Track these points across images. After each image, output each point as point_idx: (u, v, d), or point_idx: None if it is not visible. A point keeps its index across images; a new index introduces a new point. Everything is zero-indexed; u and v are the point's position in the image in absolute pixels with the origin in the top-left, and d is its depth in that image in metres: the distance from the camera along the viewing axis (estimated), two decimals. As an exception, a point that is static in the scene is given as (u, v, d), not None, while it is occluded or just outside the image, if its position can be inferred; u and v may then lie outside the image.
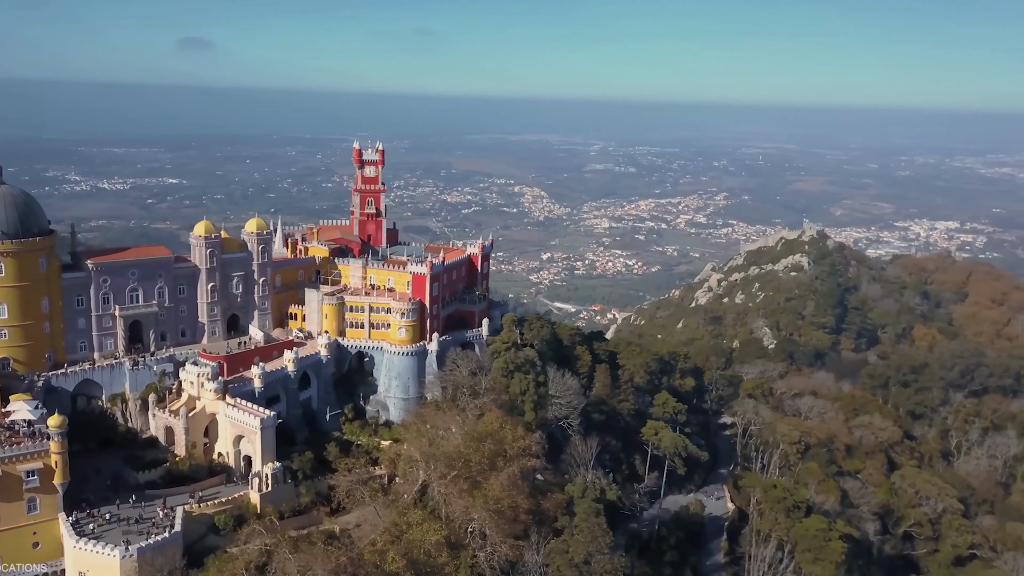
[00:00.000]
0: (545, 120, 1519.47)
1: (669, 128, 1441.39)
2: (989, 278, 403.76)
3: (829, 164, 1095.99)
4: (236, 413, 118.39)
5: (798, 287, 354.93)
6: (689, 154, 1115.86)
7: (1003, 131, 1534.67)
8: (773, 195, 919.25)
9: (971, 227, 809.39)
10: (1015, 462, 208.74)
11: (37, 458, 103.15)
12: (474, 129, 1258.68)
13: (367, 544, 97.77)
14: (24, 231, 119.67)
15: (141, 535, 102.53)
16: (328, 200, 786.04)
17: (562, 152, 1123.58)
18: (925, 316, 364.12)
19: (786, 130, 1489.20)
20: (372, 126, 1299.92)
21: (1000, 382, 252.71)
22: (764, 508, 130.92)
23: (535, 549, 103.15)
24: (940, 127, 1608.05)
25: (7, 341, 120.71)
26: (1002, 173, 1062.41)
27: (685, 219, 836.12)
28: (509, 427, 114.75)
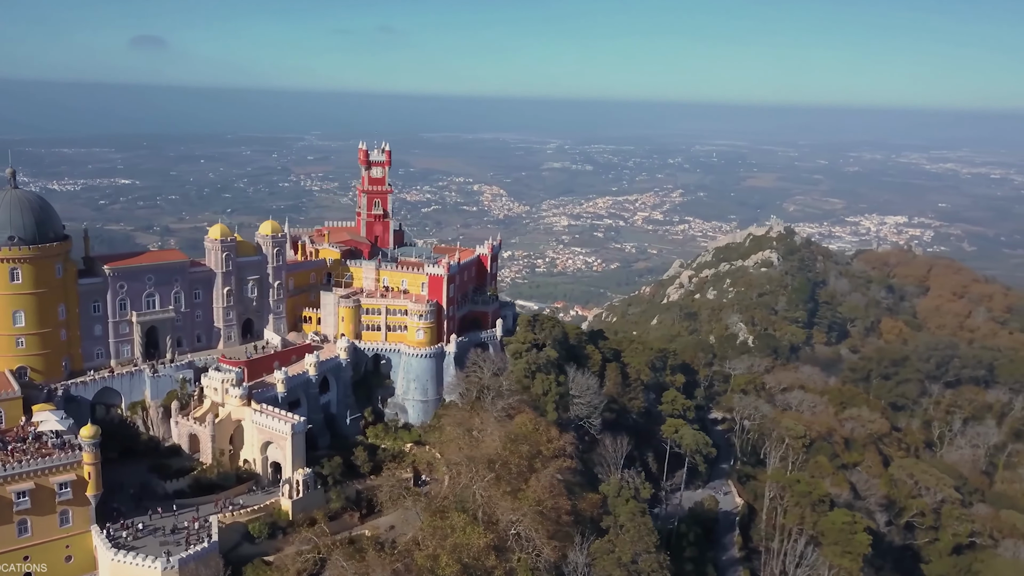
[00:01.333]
0: (501, 119, 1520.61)
1: (624, 126, 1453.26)
2: (949, 271, 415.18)
3: (781, 161, 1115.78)
4: (264, 419, 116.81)
5: (769, 282, 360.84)
6: (644, 152, 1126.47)
7: (946, 128, 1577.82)
8: (727, 192, 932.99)
9: (919, 221, 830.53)
10: (995, 451, 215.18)
11: (70, 470, 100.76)
12: (430, 128, 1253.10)
13: (417, 549, 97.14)
14: (41, 236, 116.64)
15: (179, 545, 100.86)
16: (285, 200, 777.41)
17: (519, 150, 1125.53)
18: (891, 309, 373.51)
19: (738, 128, 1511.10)
20: (328, 125, 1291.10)
21: (973, 373, 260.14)
22: (789, 503, 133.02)
23: (578, 549, 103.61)
24: (886, 124, 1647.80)
25: (24, 350, 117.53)
26: (946, 168, 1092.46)
27: (642, 216, 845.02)
28: (543, 428, 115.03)
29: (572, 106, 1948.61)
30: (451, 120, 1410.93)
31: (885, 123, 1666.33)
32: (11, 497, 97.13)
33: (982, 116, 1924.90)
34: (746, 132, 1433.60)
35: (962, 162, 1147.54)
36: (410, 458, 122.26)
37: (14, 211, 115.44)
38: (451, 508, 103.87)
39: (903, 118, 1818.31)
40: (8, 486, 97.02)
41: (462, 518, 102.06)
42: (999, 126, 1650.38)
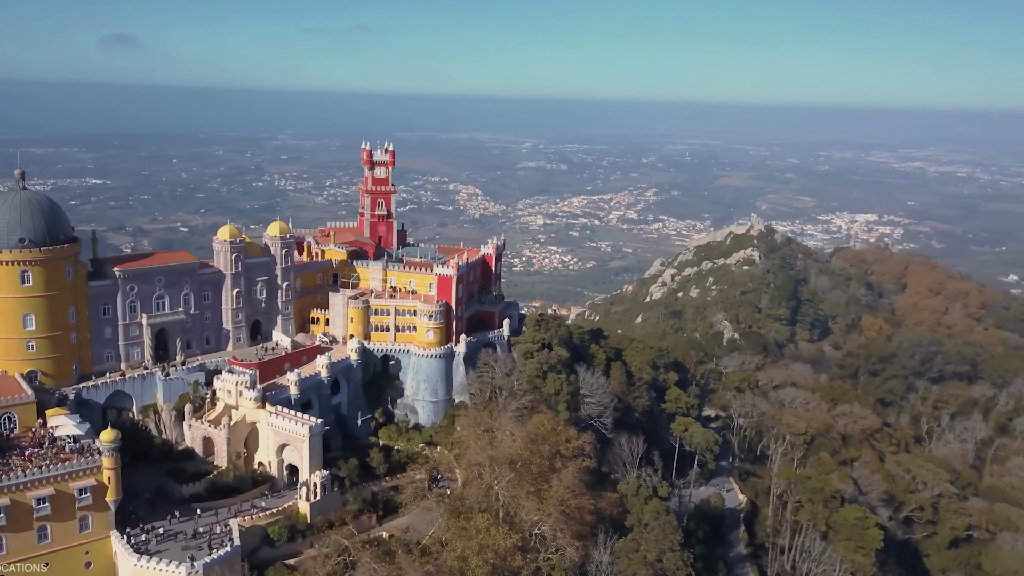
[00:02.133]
0: (475, 118, 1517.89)
1: (597, 126, 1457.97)
2: (925, 269, 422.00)
3: (752, 160, 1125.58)
4: (281, 421, 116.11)
5: (751, 280, 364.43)
6: (618, 151, 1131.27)
7: (913, 127, 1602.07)
8: (701, 190, 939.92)
9: (888, 219, 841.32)
10: (982, 446, 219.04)
11: (89, 475, 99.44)
12: (405, 127, 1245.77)
13: (444, 550, 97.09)
14: (51, 238, 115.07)
15: (201, 550, 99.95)
16: (259, 200, 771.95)
17: (494, 150, 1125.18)
18: (870, 306, 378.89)
19: (710, 127, 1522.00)
20: (302, 124, 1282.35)
21: (956, 369, 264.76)
22: (802, 499, 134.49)
23: (601, 548, 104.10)
24: (855, 123, 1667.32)
25: (35, 353, 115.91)
26: (914, 167, 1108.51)
27: (617, 215, 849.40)
28: (561, 428, 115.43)
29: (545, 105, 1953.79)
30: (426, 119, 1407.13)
31: (854, 122, 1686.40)
32: (31, 503, 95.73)
33: (948, 115, 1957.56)
34: (718, 131, 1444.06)
35: (929, 161, 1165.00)
36: (432, 459, 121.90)
37: (24, 213, 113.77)
38: (474, 509, 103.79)
39: (871, 117, 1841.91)
40: (28, 492, 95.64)
41: (486, 519, 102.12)
42: (965, 125, 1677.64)
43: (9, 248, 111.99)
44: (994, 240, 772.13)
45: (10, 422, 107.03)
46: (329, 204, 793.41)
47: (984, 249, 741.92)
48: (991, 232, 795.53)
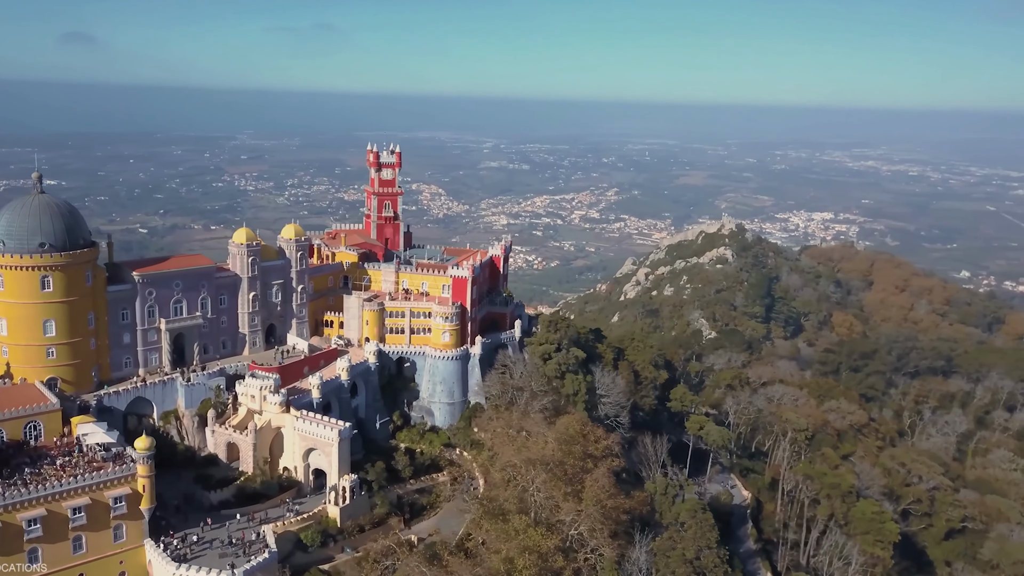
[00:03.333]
0: (436, 117, 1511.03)
1: (558, 126, 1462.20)
2: (891, 266, 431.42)
3: (710, 159, 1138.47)
4: (308, 426, 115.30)
5: (725, 279, 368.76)
6: (579, 151, 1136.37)
7: (865, 126, 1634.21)
8: (661, 190, 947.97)
9: (844, 217, 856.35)
10: (962, 439, 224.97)
11: (124, 483, 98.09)
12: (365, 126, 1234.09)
13: (487, 552, 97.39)
14: (71, 243, 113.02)
15: (239, 556, 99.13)
16: (220, 200, 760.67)
17: (456, 149, 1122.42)
18: (840, 303, 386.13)
19: (668, 127, 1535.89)
20: (261, 123, 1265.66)
21: (932, 364, 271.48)
22: (820, 495, 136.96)
23: (638, 547, 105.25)
24: (809, 123, 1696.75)
25: (55, 360, 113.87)
26: (867, 166, 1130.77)
27: (579, 215, 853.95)
28: (590, 429, 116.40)
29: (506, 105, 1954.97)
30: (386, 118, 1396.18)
31: (807, 122, 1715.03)
32: (67, 513, 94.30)
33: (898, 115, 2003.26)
34: (676, 131, 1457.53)
35: (882, 160, 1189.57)
36: (456, 462, 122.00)
37: (44, 217, 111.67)
38: (511, 510, 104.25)
39: (824, 117, 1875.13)
40: (64, 502, 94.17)
41: (523, 520, 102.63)
42: (914, 124, 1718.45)
43: (29, 253, 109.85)
44: (945, 237, 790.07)
45: (35, 430, 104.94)
46: (291, 204, 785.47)
47: (936, 246, 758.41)
48: (942, 229, 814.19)
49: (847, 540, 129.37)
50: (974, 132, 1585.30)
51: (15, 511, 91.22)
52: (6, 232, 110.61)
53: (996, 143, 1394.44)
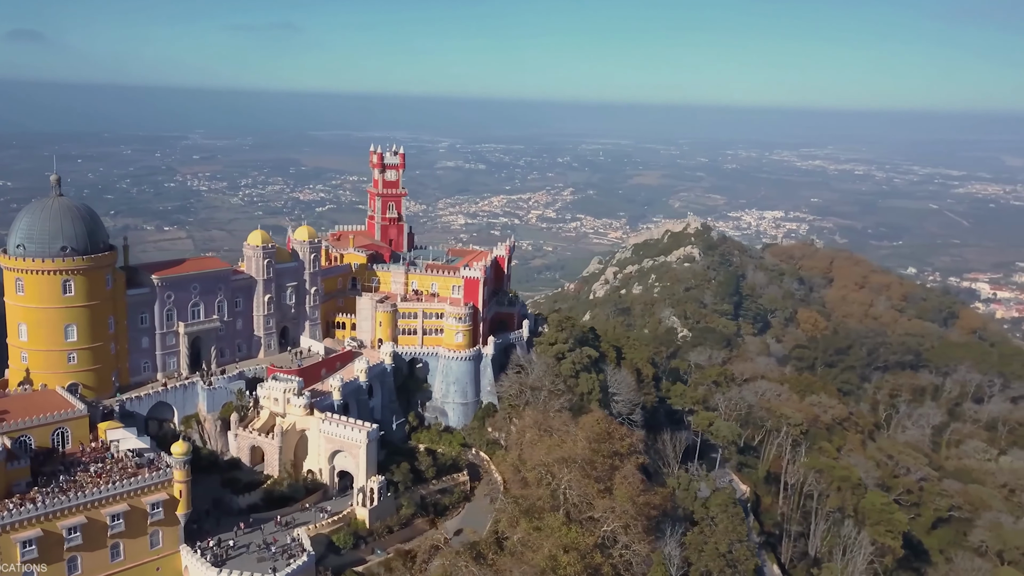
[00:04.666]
0: (390, 117, 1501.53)
1: (512, 126, 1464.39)
2: (850, 263, 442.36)
3: (663, 159, 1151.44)
4: (334, 428, 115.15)
5: (693, 277, 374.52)
6: (534, 151, 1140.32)
7: (812, 127, 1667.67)
8: (616, 189, 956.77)
9: (794, 216, 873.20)
10: (936, 431, 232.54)
11: (161, 489, 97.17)
12: (319, 126, 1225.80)
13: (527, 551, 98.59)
14: (92, 246, 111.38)
15: (277, 560, 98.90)
16: (172, 201, 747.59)
17: (412, 149, 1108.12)
18: (803, 300, 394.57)
19: (621, 127, 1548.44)
20: (213, 123, 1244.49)
21: (901, 359, 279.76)
22: (829, 487, 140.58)
23: (669, 542, 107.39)
24: (758, 123, 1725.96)
25: (76, 365, 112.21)
26: (815, 165, 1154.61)
27: (536, 214, 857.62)
28: (614, 427, 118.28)
29: (460, 105, 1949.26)
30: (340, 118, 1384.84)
31: (757, 122, 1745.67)
32: (106, 520, 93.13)
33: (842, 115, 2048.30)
34: (629, 131, 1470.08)
35: (829, 159, 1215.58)
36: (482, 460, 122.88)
37: (65, 220, 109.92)
38: (544, 509, 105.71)
39: (772, 117, 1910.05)
40: (103, 509, 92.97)
41: (557, 518, 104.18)
42: (858, 125, 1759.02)
43: (51, 257, 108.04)
44: (891, 235, 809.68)
45: (63, 437, 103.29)
46: (245, 205, 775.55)
47: (883, 243, 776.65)
48: (888, 227, 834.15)
49: (858, 530, 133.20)
50: (914, 133, 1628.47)
51: (55, 519, 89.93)
52: (26, 236, 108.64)
53: (936, 143, 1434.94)
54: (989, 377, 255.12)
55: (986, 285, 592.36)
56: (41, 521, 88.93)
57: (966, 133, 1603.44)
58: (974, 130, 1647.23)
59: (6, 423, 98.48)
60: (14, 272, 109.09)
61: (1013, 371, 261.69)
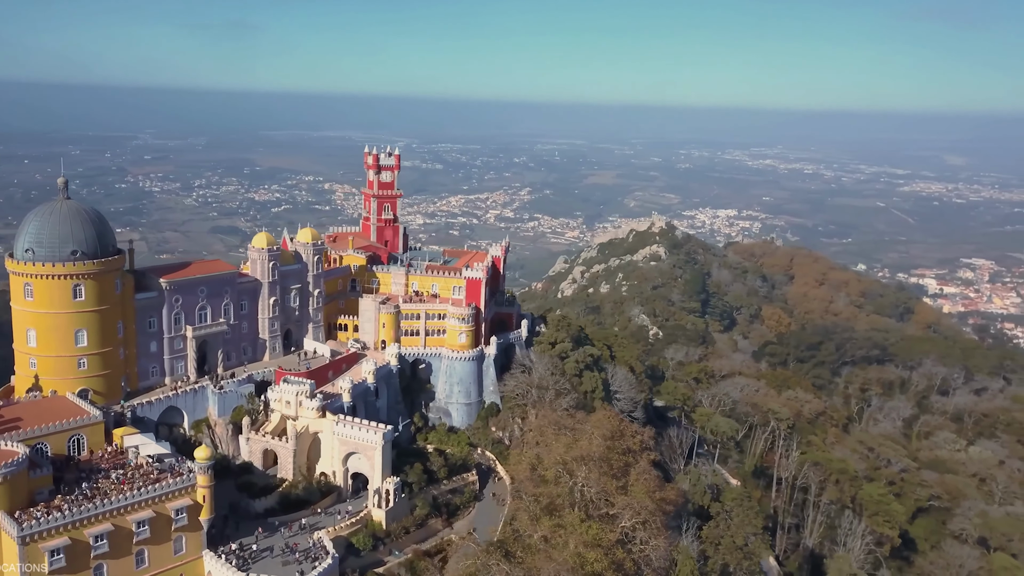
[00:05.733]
0: (345, 116, 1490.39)
1: (468, 126, 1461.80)
2: (809, 260, 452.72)
3: (618, 159, 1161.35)
4: (349, 430, 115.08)
5: (660, 275, 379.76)
6: (491, 151, 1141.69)
7: (762, 127, 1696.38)
8: (572, 189, 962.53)
9: (747, 214, 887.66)
10: (906, 424, 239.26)
11: (185, 494, 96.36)
12: (273, 125, 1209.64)
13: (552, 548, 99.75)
14: (102, 250, 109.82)
15: (301, 563, 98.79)
16: (124, 202, 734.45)
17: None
18: (767, 297, 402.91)
19: (575, 127, 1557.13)
20: (164, 123, 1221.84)
21: (868, 353, 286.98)
22: (831, 480, 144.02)
23: (685, 536, 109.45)
24: (709, 123, 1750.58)
25: (86, 371, 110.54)
26: (765, 165, 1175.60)
27: (494, 214, 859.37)
28: (625, 424, 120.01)
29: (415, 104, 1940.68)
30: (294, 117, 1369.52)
31: (708, 122, 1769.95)
32: (132, 527, 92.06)
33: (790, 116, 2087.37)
34: (584, 131, 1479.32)
35: (779, 158, 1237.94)
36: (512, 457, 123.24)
37: (75, 224, 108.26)
38: (564, 506, 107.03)
39: (723, 118, 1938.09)
40: (129, 516, 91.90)
41: (578, 515, 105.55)
42: (807, 124, 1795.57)
43: (62, 261, 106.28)
44: (841, 232, 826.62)
45: (78, 444, 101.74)
46: (199, 206, 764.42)
47: (833, 240, 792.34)
48: (837, 225, 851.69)
49: (858, 521, 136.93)
50: (860, 133, 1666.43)
51: (82, 527, 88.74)
52: (36, 240, 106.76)
53: (881, 143, 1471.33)
54: (953, 370, 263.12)
55: (933, 281, 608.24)
56: (68, 529, 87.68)
57: (909, 133, 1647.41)
58: (917, 130, 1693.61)
59: (23, 431, 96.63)
60: (22, 277, 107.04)
61: (975, 364, 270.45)
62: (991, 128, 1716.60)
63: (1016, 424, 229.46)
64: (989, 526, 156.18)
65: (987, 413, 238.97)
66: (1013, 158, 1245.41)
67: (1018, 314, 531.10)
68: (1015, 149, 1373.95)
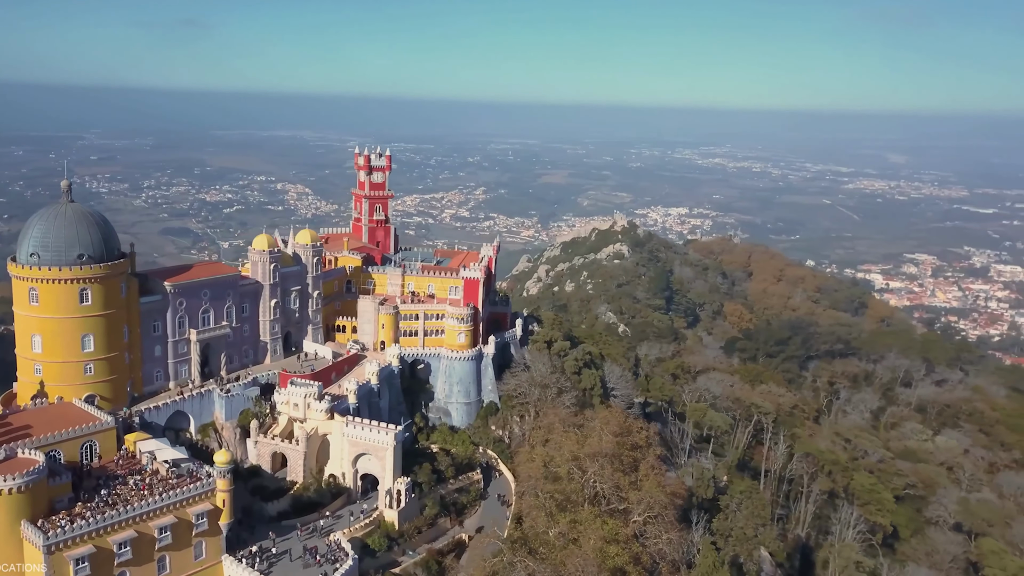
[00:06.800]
0: (295, 115, 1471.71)
1: (421, 125, 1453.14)
2: (766, 257, 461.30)
3: (570, 158, 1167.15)
4: (359, 431, 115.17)
5: (624, 273, 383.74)
6: (444, 150, 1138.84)
7: (710, 126, 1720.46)
8: (526, 188, 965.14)
9: (698, 212, 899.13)
10: (873, 416, 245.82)
11: (205, 499, 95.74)
12: (221, 125, 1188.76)
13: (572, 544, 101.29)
14: (108, 253, 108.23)
15: (321, 566, 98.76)
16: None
17: (320, 148, 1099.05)
18: (728, 293, 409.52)
19: (528, 126, 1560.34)
20: (110, 123, 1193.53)
21: (832, 347, 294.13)
22: (823, 471, 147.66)
23: (695, 529, 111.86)
24: (659, 122, 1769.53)
25: (93, 376, 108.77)
26: (714, 163, 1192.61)
27: (450, 213, 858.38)
28: (630, 420, 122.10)
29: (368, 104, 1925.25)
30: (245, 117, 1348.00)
31: (658, 122, 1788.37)
32: (154, 534, 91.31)
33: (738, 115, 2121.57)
34: (536, 131, 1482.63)
35: (727, 157, 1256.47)
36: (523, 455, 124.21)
37: (80, 227, 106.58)
38: (579, 502, 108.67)
39: (673, 117, 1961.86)
40: (151, 522, 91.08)
41: (592, 511, 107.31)
42: (755, 123, 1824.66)
43: (68, 265, 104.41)
44: (789, 229, 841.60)
45: (90, 451, 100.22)
46: (149, 207, 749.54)
47: (782, 237, 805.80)
48: (786, 222, 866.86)
49: (852, 511, 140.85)
50: (805, 132, 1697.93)
51: (107, 534, 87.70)
52: (41, 244, 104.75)
53: (825, 141, 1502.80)
54: (915, 363, 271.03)
55: (879, 276, 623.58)
56: (93, 537, 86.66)
57: (852, 132, 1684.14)
58: (859, 129, 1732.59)
59: (36, 438, 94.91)
60: (27, 282, 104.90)
61: (935, 356, 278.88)
62: (929, 127, 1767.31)
63: (977, 414, 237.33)
64: (970, 512, 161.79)
65: (949, 404, 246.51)
66: (950, 156, 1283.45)
67: (960, 307, 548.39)
68: (952, 147, 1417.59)
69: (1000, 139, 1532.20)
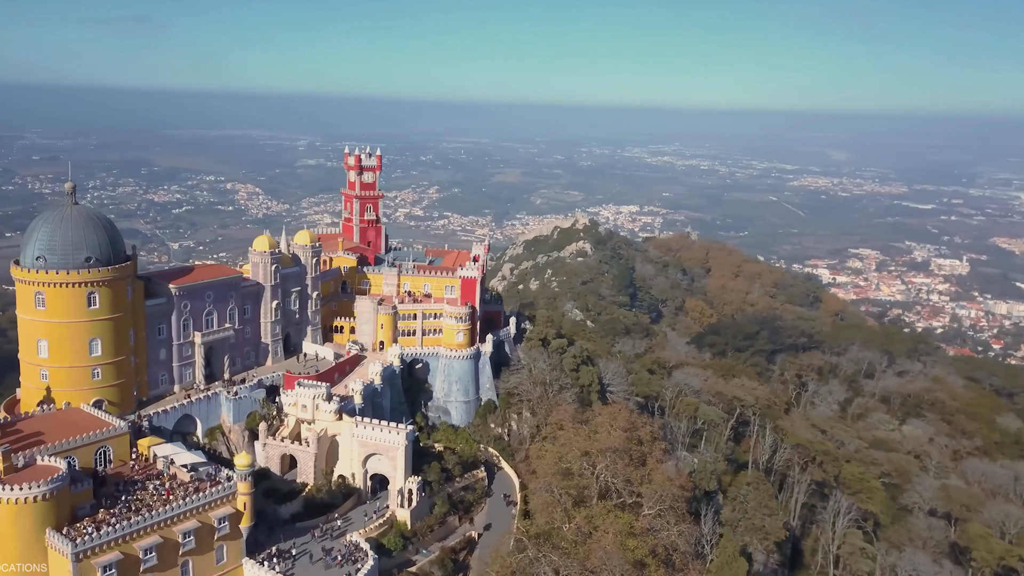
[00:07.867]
0: (244, 114, 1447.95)
1: (371, 123, 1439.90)
2: (723, 254, 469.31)
3: (522, 157, 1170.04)
4: (370, 432, 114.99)
5: (588, 271, 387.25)
6: (396, 149, 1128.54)
7: (659, 124, 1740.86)
8: (479, 187, 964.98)
9: (648, 210, 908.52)
10: (840, 408, 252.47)
11: (227, 503, 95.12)
12: (170, 124, 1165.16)
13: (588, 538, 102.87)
14: (115, 256, 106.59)
15: (342, 567, 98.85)
16: (13, 205, 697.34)
17: (270, 147, 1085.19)
18: (688, 289, 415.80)
19: (479, 125, 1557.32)
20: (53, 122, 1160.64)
21: (796, 341, 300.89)
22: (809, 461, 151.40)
23: (703, 520, 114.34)
24: (608, 121, 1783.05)
25: (100, 381, 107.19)
26: (664, 161, 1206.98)
27: (404, 212, 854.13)
28: (635, 415, 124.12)
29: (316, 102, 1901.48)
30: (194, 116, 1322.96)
31: (608, 121, 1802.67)
32: (178, 539, 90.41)
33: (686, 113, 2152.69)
34: (487, 130, 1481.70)
35: (676, 155, 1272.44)
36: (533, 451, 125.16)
37: (87, 229, 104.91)
38: (592, 497, 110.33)
39: (622, 116, 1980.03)
40: (175, 527, 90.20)
41: (606, 505, 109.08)
42: (701, 122, 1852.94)
43: (76, 268, 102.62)
44: (737, 226, 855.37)
45: (105, 456, 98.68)
46: (94, 207, 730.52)
47: (731, 234, 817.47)
48: (734, 219, 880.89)
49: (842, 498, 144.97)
50: (750, 130, 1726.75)
51: (132, 540, 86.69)
52: (47, 247, 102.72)
53: (769, 139, 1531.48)
54: (877, 355, 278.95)
55: (826, 271, 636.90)
56: (119, 544, 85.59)
57: (795, 131, 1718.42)
58: (802, 128, 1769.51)
59: (51, 445, 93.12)
60: (33, 286, 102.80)
61: (896, 349, 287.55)
62: (869, 125, 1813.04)
63: (939, 403, 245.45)
64: (950, 498, 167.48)
65: (911, 394, 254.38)
66: (890, 153, 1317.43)
67: (904, 300, 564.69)
68: (891, 145, 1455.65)
69: (937, 137, 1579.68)
